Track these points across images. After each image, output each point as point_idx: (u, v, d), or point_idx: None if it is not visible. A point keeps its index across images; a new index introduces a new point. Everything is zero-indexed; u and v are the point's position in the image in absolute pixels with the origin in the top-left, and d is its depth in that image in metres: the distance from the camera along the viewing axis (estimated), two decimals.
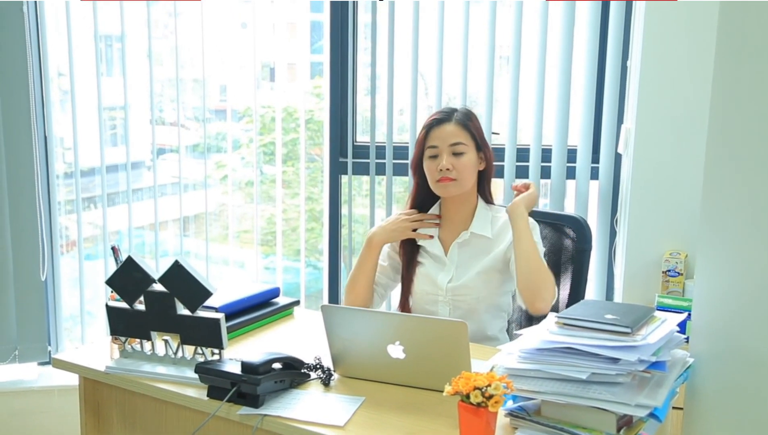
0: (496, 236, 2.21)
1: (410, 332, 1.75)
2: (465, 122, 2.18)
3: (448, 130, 2.17)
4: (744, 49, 1.53)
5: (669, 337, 1.60)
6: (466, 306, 2.19)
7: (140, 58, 3.29)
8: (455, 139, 2.16)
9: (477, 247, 2.21)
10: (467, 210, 2.23)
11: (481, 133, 2.23)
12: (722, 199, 1.60)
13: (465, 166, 2.16)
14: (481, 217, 2.22)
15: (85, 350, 2.05)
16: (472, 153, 2.17)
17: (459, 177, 2.16)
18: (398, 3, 3.06)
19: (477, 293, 2.18)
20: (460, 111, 2.21)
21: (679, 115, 2.64)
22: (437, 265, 2.24)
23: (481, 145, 2.21)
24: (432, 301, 2.23)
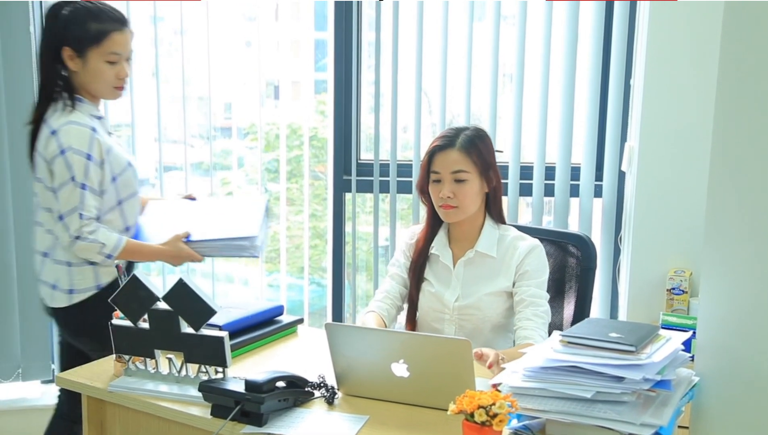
0: (502, 256, 2.19)
1: (414, 350, 1.75)
2: (468, 148, 2.13)
3: (450, 157, 2.13)
4: (746, 68, 1.53)
5: (674, 356, 1.59)
6: (472, 326, 2.19)
7: (146, 76, 3.31)
8: (456, 166, 2.13)
9: (483, 266, 2.20)
10: (473, 229, 2.23)
11: (487, 155, 2.17)
12: (726, 217, 1.60)
13: (466, 193, 2.14)
14: (488, 236, 2.21)
15: (89, 369, 2.05)
16: (474, 180, 2.14)
17: (460, 204, 2.14)
18: (402, 21, 3.07)
19: (483, 313, 2.17)
20: (464, 134, 2.16)
21: (683, 133, 2.65)
22: (444, 281, 2.24)
23: (486, 169, 2.16)
24: (438, 318, 2.23)
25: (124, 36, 2.27)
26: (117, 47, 2.26)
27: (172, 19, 3.29)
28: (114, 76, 2.28)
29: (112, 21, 2.25)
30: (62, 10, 2.24)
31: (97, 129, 2.27)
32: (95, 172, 2.24)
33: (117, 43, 2.26)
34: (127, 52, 2.30)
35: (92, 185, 2.24)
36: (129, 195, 2.35)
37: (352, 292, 3.33)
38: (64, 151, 2.20)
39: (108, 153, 2.28)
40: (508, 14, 3.07)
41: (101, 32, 2.23)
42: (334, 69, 3.19)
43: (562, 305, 2.35)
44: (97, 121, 2.31)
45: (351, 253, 3.28)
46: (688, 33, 2.60)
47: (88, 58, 2.25)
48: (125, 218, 2.36)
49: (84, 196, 2.22)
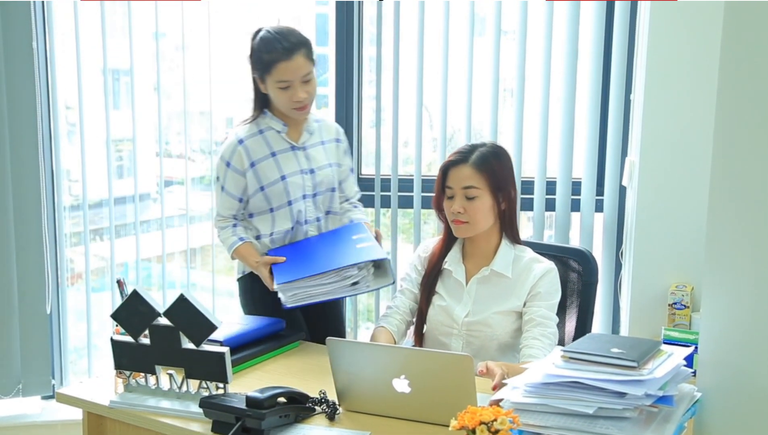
0: (517, 277, 2.18)
1: (415, 366, 1.74)
2: (480, 165, 2.14)
3: (462, 172, 2.15)
4: (746, 84, 1.54)
5: (676, 371, 1.59)
6: (479, 343, 2.18)
7: (148, 92, 3.32)
8: (468, 182, 2.14)
9: (497, 285, 2.20)
10: (489, 247, 2.23)
11: (502, 173, 2.17)
12: (727, 232, 1.60)
13: (477, 209, 2.14)
14: (504, 254, 2.20)
15: (90, 384, 2.05)
16: (485, 196, 2.14)
17: (471, 220, 2.15)
18: (403, 35, 3.09)
19: (492, 331, 2.16)
20: (480, 151, 2.17)
21: (683, 147, 2.65)
22: (455, 296, 2.23)
23: (499, 187, 2.16)
24: (447, 333, 2.22)
25: (291, 64, 2.35)
26: (284, 75, 2.36)
27: (173, 34, 3.30)
28: (288, 99, 2.40)
29: (280, 51, 2.35)
30: (253, 39, 2.43)
31: (260, 142, 2.45)
32: (233, 178, 2.46)
33: (283, 72, 2.35)
34: (298, 76, 2.36)
35: (230, 189, 2.47)
36: (279, 205, 2.47)
37: (353, 308, 3.33)
38: (220, 158, 2.50)
39: (254, 164, 2.44)
40: (508, 29, 3.08)
41: (269, 62, 2.36)
42: (335, 84, 3.20)
43: (564, 320, 2.35)
44: (273, 133, 2.47)
45: None
46: (688, 49, 2.61)
47: (267, 84, 2.41)
48: (273, 224, 2.49)
49: (221, 197, 2.50)
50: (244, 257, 2.48)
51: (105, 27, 3.18)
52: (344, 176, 2.63)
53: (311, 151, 2.52)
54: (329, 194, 2.55)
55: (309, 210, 2.51)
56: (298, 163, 2.49)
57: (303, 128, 2.52)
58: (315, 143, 2.53)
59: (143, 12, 3.23)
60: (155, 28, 3.23)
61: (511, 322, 2.17)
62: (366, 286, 2.21)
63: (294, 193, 2.47)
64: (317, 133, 2.55)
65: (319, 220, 2.55)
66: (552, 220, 3.08)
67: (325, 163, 2.53)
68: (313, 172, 2.50)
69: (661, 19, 2.63)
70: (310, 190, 2.50)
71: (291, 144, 2.49)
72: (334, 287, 2.20)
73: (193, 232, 3.39)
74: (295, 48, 2.35)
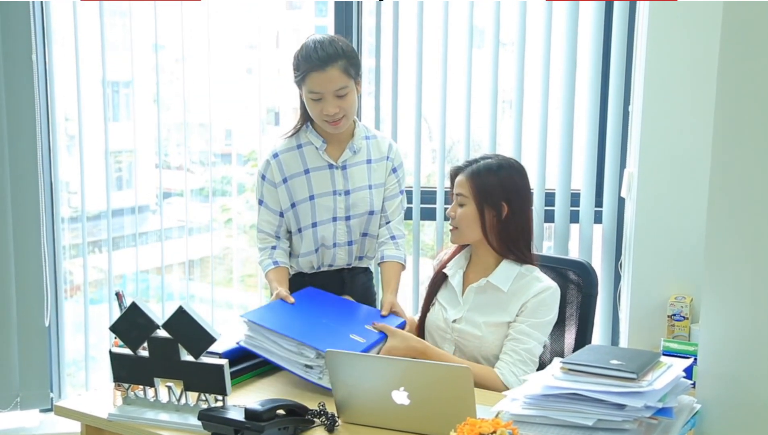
0: (513, 293, 2.18)
1: (415, 378, 1.74)
2: (472, 174, 2.19)
3: (458, 180, 2.23)
4: (744, 95, 1.54)
5: (675, 383, 1.59)
6: (469, 351, 2.19)
7: (147, 103, 3.33)
8: (459, 190, 2.22)
9: (492, 297, 2.20)
10: (491, 259, 2.23)
11: (495, 186, 2.17)
12: (726, 243, 1.60)
13: (462, 216, 2.20)
14: (505, 269, 2.20)
15: (88, 397, 2.04)
16: (470, 206, 2.18)
17: (459, 226, 2.22)
18: (402, 47, 3.10)
19: (481, 341, 2.17)
20: (482, 162, 2.21)
21: (682, 158, 2.66)
22: (451, 302, 2.26)
23: (487, 199, 2.17)
24: (441, 337, 2.25)
25: (323, 75, 2.28)
26: (315, 87, 2.30)
27: (173, 46, 3.31)
28: (319, 112, 2.34)
29: (314, 61, 2.29)
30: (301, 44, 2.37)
31: (296, 157, 2.42)
32: (269, 192, 2.45)
33: (314, 83, 2.30)
34: (330, 89, 2.29)
35: (269, 203, 2.46)
36: (306, 225, 2.44)
37: None
38: (257, 171, 2.51)
39: (286, 180, 2.42)
40: (507, 41, 3.09)
41: (303, 72, 2.31)
42: None
43: (563, 332, 2.35)
44: (311, 149, 2.43)
45: None
46: (687, 61, 2.62)
47: (303, 93, 2.36)
48: (300, 245, 2.47)
49: (260, 211, 2.48)
50: (270, 281, 2.42)
51: (104, 39, 3.20)
52: (390, 195, 2.52)
53: (351, 171, 2.43)
54: (366, 217, 2.47)
55: (340, 233, 2.44)
56: (333, 183, 2.42)
57: (346, 146, 2.43)
58: (358, 162, 2.45)
59: (143, 24, 3.24)
60: (155, 40, 3.25)
61: (501, 335, 2.17)
62: (318, 376, 1.96)
63: (321, 214, 2.42)
64: (363, 151, 2.46)
65: (351, 244, 2.47)
66: (551, 231, 3.08)
67: (363, 185, 2.44)
68: (348, 194, 2.43)
69: (659, 30, 2.63)
70: (342, 213, 2.43)
71: (329, 162, 2.42)
72: (288, 357, 2.00)
73: (192, 243, 3.39)
74: (331, 59, 2.28)
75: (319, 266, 2.50)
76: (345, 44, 2.34)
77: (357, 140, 2.45)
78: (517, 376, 2.08)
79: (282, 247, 2.48)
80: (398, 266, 2.46)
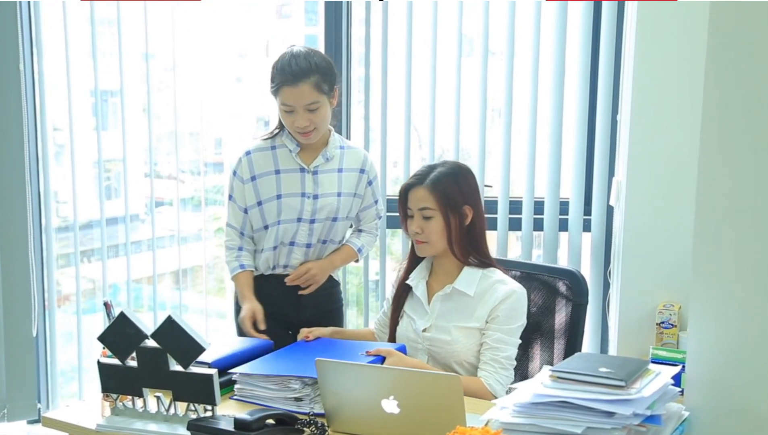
0: (480, 296, 2.19)
1: (404, 387, 1.74)
2: (434, 185, 2.17)
3: (417, 194, 2.20)
4: (731, 104, 1.56)
5: (664, 390, 1.59)
6: (441, 358, 2.20)
7: (137, 112, 3.33)
8: (422, 203, 2.19)
9: (459, 303, 2.21)
10: (454, 265, 2.24)
11: (458, 193, 2.18)
12: (713, 251, 1.61)
13: (431, 230, 2.19)
14: (468, 274, 2.22)
15: (76, 408, 2.03)
16: (438, 217, 2.18)
17: (428, 239, 2.20)
18: (391, 56, 3.11)
19: (452, 347, 2.17)
20: (436, 171, 2.20)
21: (670, 167, 2.67)
22: (419, 312, 2.26)
23: (454, 206, 2.18)
24: (413, 347, 2.25)
25: (295, 90, 2.35)
26: (287, 100, 2.37)
27: (163, 55, 3.31)
28: (290, 123, 2.41)
29: (287, 75, 2.35)
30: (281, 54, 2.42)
31: (268, 157, 2.49)
32: (238, 187, 2.51)
33: (286, 96, 2.36)
34: (301, 104, 2.36)
35: (237, 198, 2.52)
36: (272, 223, 2.49)
37: None
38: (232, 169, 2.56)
39: (255, 178, 2.48)
40: (496, 50, 3.10)
41: (277, 85, 2.37)
42: None
43: (553, 340, 2.35)
44: (284, 152, 2.49)
45: (342, 288, 3.27)
46: (674, 70, 2.63)
47: (277, 103, 2.43)
48: (263, 241, 2.52)
49: (229, 206, 2.55)
50: (240, 287, 2.51)
51: (94, 48, 3.19)
52: (365, 206, 2.62)
53: (321, 177, 2.50)
54: (329, 223, 2.52)
55: (302, 234, 2.50)
56: (303, 185, 2.48)
57: (320, 152, 2.50)
58: (329, 169, 2.51)
59: (132, 33, 3.24)
60: (145, 49, 3.24)
61: (473, 340, 2.18)
62: (309, 406, 1.90)
63: (287, 214, 2.48)
64: (336, 160, 2.53)
65: (309, 247, 2.53)
66: (540, 239, 3.09)
67: (332, 191, 2.50)
68: (316, 198, 2.49)
69: (647, 40, 2.65)
70: (308, 215, 2.49)
71: (301, 166, 2.49)
72: (276, 396, 1.95)
73: (184, 253, 3.38)
74: (304, 75, 2.34)
75: (274, 266, 2.54)
76: (321, 59, 2.40)
77: (331, 148, 2.52)
78: (502, 384, 2.11)
79: (247, 249, 2.56)
80: (348, 249, 2.61)
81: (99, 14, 3.25)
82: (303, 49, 2.40)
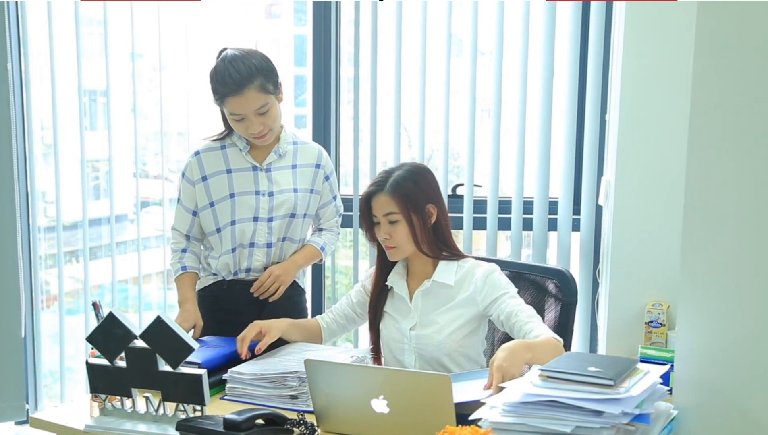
0: (459, 284, 2.21)
1: (394, 386, 1.74)
2: (394, 190, 2.18)
3: (380, 200, 2.20)
4: (718, 103, 1.57)
5: (652, 389, 1.60)
6: (429, 354, 2.20)
7: (124, 112, 3.32)
8: (387, 209, 2.19)
9: (440, 295, 2.22)
10: (427, 263, 2.26)
11: (419, 193, 2.19)
12: (701, 250, 1.62)
13: (400, 233, 2.19)
14: (445, 266, 2.24)
15: (64, 409, 2.02)
16: (404, 219, 2.18)
17: (397, 244, 2.20)
18: (380, 56, 3.11)
19: (439, 341, 2.18)
20: (394, 175, 2.20)
21: (658, 166, 2.68)
22: (402, 312, 2.27)
23: (417, 207, 2.19)
24: (400, 349, 2.25)
25: (241, 98, 2.29)
26: (235, 109, 2.32)
27: (150, 55, 3.30)
28: (243, 130, 2.36)
29: (230, 85, 2.28)
30: (216, 59, 2.35)
31: (218, 157, 2.44)
32: (186, 190, 2.47)
33: (233, 105, 2.31)
34: (251, 110, 2.31)
35: (184, 201, 2.48)
36: (225, 224, 2.44)
37: None
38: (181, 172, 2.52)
39: (206, 178, 2.43)
40: (485, 50, 3.11)
41: (221, 95, 2.32)
42: (312, 104, 3.21)
43: None
44: (235, 151, 2.45)
45: (331, 287, 3.27)
46: (663, 70, 2.64)
47: (225, 112, 2.38)
48: (219, 246, 2.47)
49: (177, 209, 2.50)
50: (181, 290, 2.46)
51: (80, 48, 3.18)
52: (324, 202, 2.59)
53: (275, 174, 2.46)
54: (288, 220, 2.47)
55: (260, 233, 2.45)
56: (256, 183, 2.44)
57: (272, 149, 2.46)
58: (283, 166, 2.48)
59: (120, 32, 3.23)
60: (132, 48, 3.23)
61: (460, 330, 2.19)
62: (306, 404, 1.92)
63: (241, 213, 2.42)
64: (289, 156, 2.49)
65: (270, 247, 2.47)
66: (530, 239, 3.10)
67: (288, 188, 2.46)
68: (272, 195, 2.44)
69: (635, 40, 2.66)
70: (265, 213, 2.44)
71: (253, 164, 2.45)
72: (271, 395, 1.97)
73: (171, 253, 3.37)
74: (246, 82, 2.27)
75: (236, 271, 2.49)
76: (259, 59, 2.33)
77: (283, 145, 2.48)
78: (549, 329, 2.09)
79: (192, 250, 2.51)
80: (311, 248, 2.57)
81: (86, 14, 3.23)
82: (237, 52, 2.33)
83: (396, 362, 2.26)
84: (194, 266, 2.49)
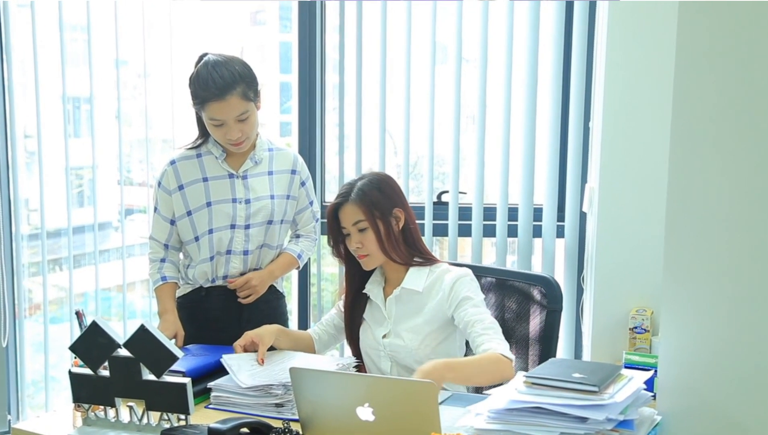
0: (428, 290, 2.21)
1: (379, 394, 1.74)
2: (359, 199, 2.19)
3: (346, 211, 2.20)
4: (700, 112, 1.58)
5: (636, 395, 1.61)
6: (403, 361, 2.21)
7: (108, 119, 3.30)
8: (354, 218, 2.19)
9: (410, 302, 2.23)
10: (400, 269, 2.26)
11: (384, 200, 2.20)
12: (684, 256, 1.63)
13: (369, 241, 2.19)
14: (415, 272, 2.24)
15: (47, 419, 2.00)
16: (372, 227, 2.19)
17: (369, 252, 2.21)
18: (365, 63, 3.11)
19: (410, 348, 2.19)
20: (357, 186, 2.21)
21: (641, 173, 2.70)
22: (378, 320, 2.28)
23: (383, 214, 2.20)
24: (377, 356, 2.26)
25: (223, 104, 2.27)
26: (215, 115, 2.30)
27: (135, 62, 3.29)
28: (222, 136, 2.35)
29: (212, 90, 2.27)
30: (196, 65, 2.33)
31: (194, 165, 2.42)
32: (163, 199, 2.45)
33: (214, 111, 2.29)
34: (232, 116, 2.30)
35: (162, 211, 2.46)
36: (203, 232, 2.43)
37: None
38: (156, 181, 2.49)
39: (182, 187, 2.42)
40: (470, 57, 3.12)
41: (202, 100, 2.30)
42: (298, 111, 3.21)
43: (528, 346, 2.36)
44: (211, 159, 2.43)
45: (317, 295, 3.26)
46: (645, 77, 2.66)
47: (203, 118, 2.36)
48: (197, 254, 2.45)
49: (154, 218, 2.49)
50: (161, 300, 2.44)
51: (64, 54, 3.16)
52: (300, 208, 2.58)
53: (252, 181, 2.45)
54: (265, 227, 2.46)
55: (237, 241, 2.44)
56: (233, 191, 2.43)
57: (247, 156, 2.45)
58: (259, 173, 2.47)
59: (104, 39, 3.22)
60: (116, 55, 3.22)
61: (429, 335, 2.19)
62: (291, 412, 1.91)
63: (218, 221, 2.42)
64: (266, 163, 2.48)
65: (247, 254, 2.46)
66: (515, 245, 3.11)
67: (265, 195, 2.45)
68: (249, 203, 2.43)
69: (618, 47, 2.68)
70: (242, 221, 2.43)
71: (229, 172, 2.44)
72: (256, 404, 1.96)
73: (149, 262, 3.35)
74: (230, 88, 2.27)
75: (213, 279, 2.48)
76: (241, 66, 2.33)
77: (259, 151, 2.47)
78: (506, 346, 2.07)
79: (171, 260, 2.50)
80: (288, 256, 2.55)
81: (69, 20, 3.22)
82: (219, 57, 2.32)
83: (376, 369, 2.26)
84: (173, 276, 2.48)
